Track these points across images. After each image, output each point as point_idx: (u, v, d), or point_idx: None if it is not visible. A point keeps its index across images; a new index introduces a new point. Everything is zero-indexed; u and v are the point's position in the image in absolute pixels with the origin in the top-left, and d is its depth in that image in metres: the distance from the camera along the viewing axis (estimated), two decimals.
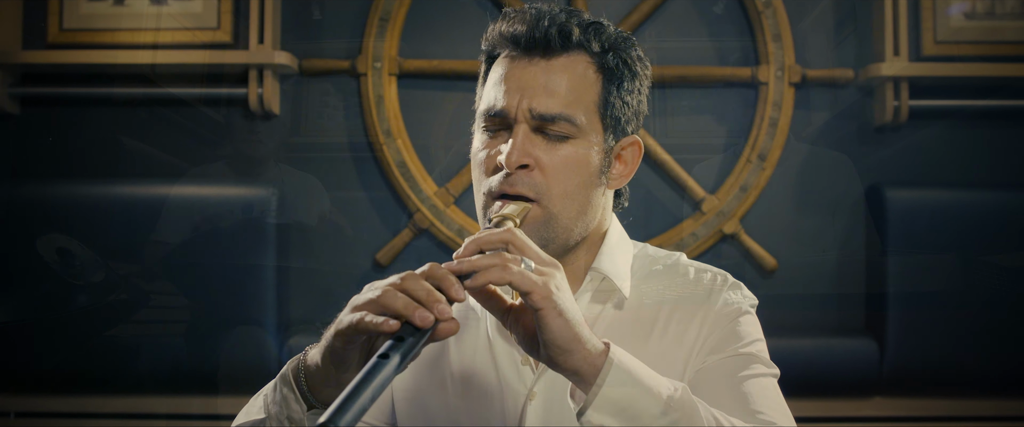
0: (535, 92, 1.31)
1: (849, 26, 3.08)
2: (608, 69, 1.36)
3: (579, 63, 1.34)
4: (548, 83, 1.32)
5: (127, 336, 2.87)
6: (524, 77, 1.32)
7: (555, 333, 1.11)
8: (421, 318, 1.05)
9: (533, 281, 1.10)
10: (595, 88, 1.35)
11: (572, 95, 1.32)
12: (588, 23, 1.36)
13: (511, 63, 1.35)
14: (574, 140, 1.33)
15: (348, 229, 3.07)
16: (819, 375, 2.89)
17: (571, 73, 1.33)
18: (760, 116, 3.01)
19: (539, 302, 1.10)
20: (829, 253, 3.08)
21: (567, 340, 1.11)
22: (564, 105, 1.31)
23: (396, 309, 1.06)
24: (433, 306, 1.06)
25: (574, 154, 1.32)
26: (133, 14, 3.05)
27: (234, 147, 3.09)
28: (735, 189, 3.00)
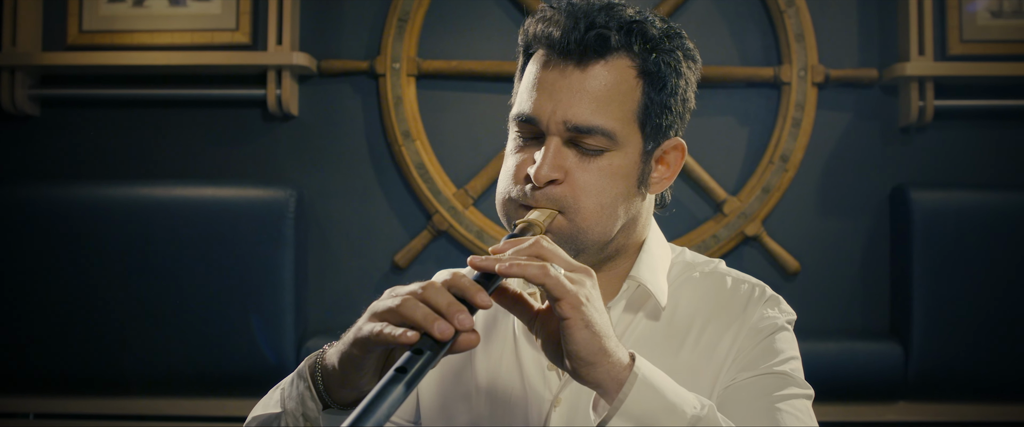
0: (569, 102, 1.26)
1: (873, 25, 3.06)
2: (650, 73, 1.29)
3: (618, 69, 1.28)
4: (583, 93, 1.26)
5: (145, 337, 2.87)
6: (558, 85, 1.27)
7: (580, 345, 1.08)
8: (440, 331, 1.02)
9: (565, 288, 1.07)
10: (635, 95, 1.29)
11: (609, 105, 1.26)
12: (630, 21, 1.28)
13: (545, 67, 1.29)
14: (610, 153, 1.28)
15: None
16: (843, 379, 2.86)
17: (608, 81, 1.27)
18: (783, 117, 2.99)
19: (567, 311, 1.07)
20: (853, 255, 3.05)
21: (592, 353, 1.09)
22: (600, 117, 1.26)
23: (415, 320, 1.03)
24: (453, 317, 1.03)
25: (609, 167, 1.28)
26: (152, 16, 3.06)
27: (252, 148, 3.08)
28: (757, 190, 2.98)
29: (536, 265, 1.08)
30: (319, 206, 3.08)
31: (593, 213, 1.27)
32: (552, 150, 1.26)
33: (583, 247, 1.29)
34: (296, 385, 1.19)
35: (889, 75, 2.98)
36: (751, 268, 2.98)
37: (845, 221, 3.05)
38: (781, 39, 3.01)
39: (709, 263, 1.43)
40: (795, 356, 1.34)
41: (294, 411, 1.18)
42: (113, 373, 2.89)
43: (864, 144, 3.05)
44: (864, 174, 3.05)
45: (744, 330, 1.33)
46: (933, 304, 2.89)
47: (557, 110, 1.26)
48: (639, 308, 1.36)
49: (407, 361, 1.00)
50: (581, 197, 1.26)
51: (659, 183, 1.36)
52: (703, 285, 1.39)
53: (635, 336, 1.34)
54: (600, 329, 1.09)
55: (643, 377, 1.11)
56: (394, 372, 0.98)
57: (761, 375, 1.30)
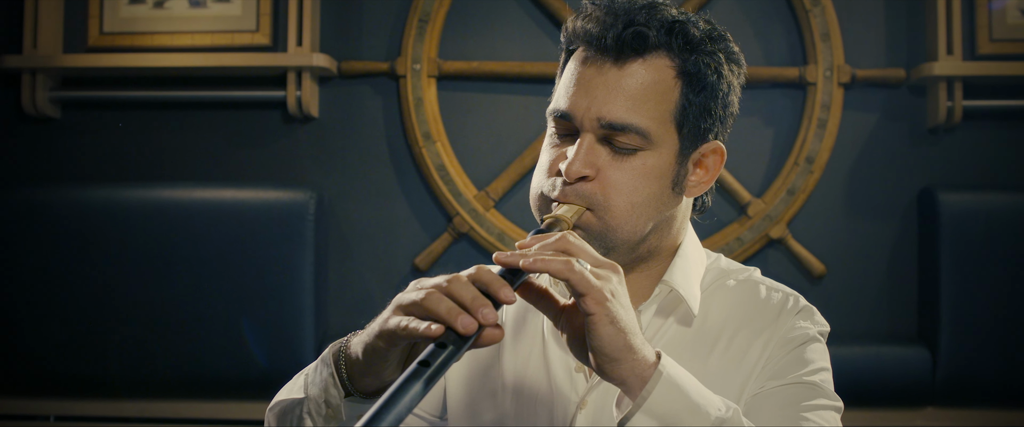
0: (605, 99, 1.25)
1: (900, 24, 3.02)
2: (689, 74, 1.27)
3: (656, 68, 1.26)
4: (619, 90, 1.25)
5: (164, 340, 2.87)
6: (594, 82, 1.26)
7: (604, 341, 1.07)
8: (464, 325, 1.02)
9: (590, 283, 1.06)
10: (672, 96, 1.27)
11: (645, 104, 1.25)
12: (672, 21, 1.27)
13: (583, 64, 1.28)
14: (644, 152, 1.26)
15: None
16: (870, 384, 2.84)
17: (646, 80, 1.26)
18: (808, 118, 2.97)
19: (592, 307, 1.06)
20: (879, 259, 3.02)
21: (616, 349, 1.08)
22: (635, 115, 1.25)
23: (439, 314, 1.03)
24: (477, 311, 1.03)
25: (643, 167, 1.26)
26: (172, 17, 3.06)
27: (272, 150, 3.08)
28: (782, 192, 2.95)
29: (560, 260, 1.07)
30: (339, 208, 3.07)
31: (623, 211, 1.26)
32: (585, 147, 1.26)
33: (612, 246, 1.28)
34: (320, 372, 1.19)
35: (917, 75, 2.94)
36: (776, 271, 3.02)
37: (872, 224, 3.02)
38: (806, 38, 2.98)
39: (744, 271, 1.42)
40: (826, 368, 1.32)
41: (317, 397, 1.18)
42: (134, 376, 2.89)
43: (891, 145, 3.02)
44: (891, 176, 3.02)
45: (775, 339, 1.31)
46: (961, 308, 2.86)
47: (592, 107, 1.26)
48: (670, 313, 1.34)
49: (430, 355, 1.00)
50: (612, 195, 1.26)
51: (696, 187, 1.34)
52: (736, 293, 1.37)
53: (665, 341, 1.33)
54: (625, 325, 1.08)
55: (668, 376, 1.10)
56: (417, 365, 0.98)
57: (790, 384, 1.28)
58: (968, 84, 2.94)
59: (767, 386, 1.28)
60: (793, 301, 1.36)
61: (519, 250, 1.11)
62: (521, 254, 1.09)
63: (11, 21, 3.09)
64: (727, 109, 1.33)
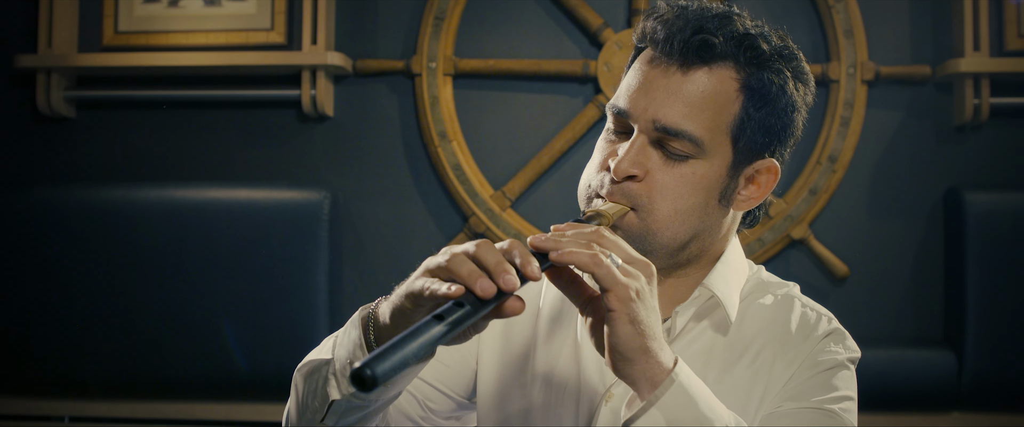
0: (663, 102, 1.25)
1: (926, 20, 2.98)
2: (752, 88, 1.26)
3: (720, 78, 1.25)
4: (679, 95, 1.25)
5: (179, 341, 2.86)
6: (656, 84, 1.26)
7: (621, 339, 1.08)
8: (482, 288, 1.02)
9: (615, 279, 1.07)
10: (732, 108, 1.26)
11: (703, 112, 1.25)
12: (743, 34, 1.26)
13: (649, 64, 1.28)
14: (694, 160, 1.26)
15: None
16: (894, 388, 2.81)
17: (707, 88, 1.25)
18: (831, 116, 2.93)
19: (614, 303, 1.07)
20: (904, 260, 2.98)
21: (632, 349, 1.09)
22: (690, 122, 1.24)
23: (461, 275, 1.04)
24: (499, 276, 1.03)
25: (692, 175, 1.26)
26: (187, 16, 3.06)
27: (287, 149, 3.07)
28: (804, 192, 2.92)
29: (587, 253, 1.08)
30: (354, 208, 3.06)
31: (666, 216, 1.26)
32: (636, 147, 1.26)
33: (651, 249, 1.28)
34: (348, 333, 1.21)
35: (942, 72, 2.90)
36: (798, 272, 2.99)
37: (896, 224, 2.98)
38: (829, 35, 2.94)
39: (783, 286, 1.40)
40: (851, 397, 1.29)
41: (343, 359, 1.20)
42: (148, 376, 2.89)
43: (916, 144, 2.98)
44: (916, 175, 2.98)
45: (801, 359, 1.29)
46: (988, 310, 2.82)
47: (649, 108, 1.26)
48: (706, 317, 1.34)
49: (445, 310, 1.01)
50: (656, 198, 1.26)
51: (746, 202, 1.33)
52: (773, 308, 1.36)
53: (697, 345, 1.32)
54: (645, 328, 1.09)
55: (680, 383, 1.10)
56: (430, 318, 0.99)
57: (808, 409, 1.26)
58: (995, 81, 2.89)
59: (784, 406, 1.26)
60: (826, 323, 1.34)
61: (553, 234, 1.11)
62: (554, 240, 1.10)
63: (26, 21, 3.10)
64: (788, 128, 1.31)
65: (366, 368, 0.92)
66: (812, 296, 2.99)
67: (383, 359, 0.93)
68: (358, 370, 0.91)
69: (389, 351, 0.94)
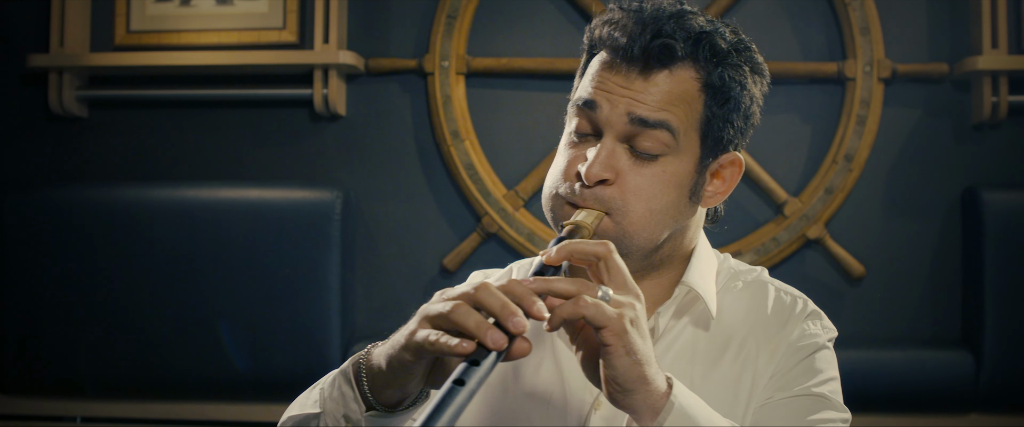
0: (631, 100, 1.25)
1: (943, 17, 2.95)
2: (713, 86, 1.26)
3: (681, 80, 1.25)
4: (646, 96, 1.24)
5: (191, 341, 2.86)
6: (619, 87, 1.26)
7: (619, 372, 1.07)
8: (494, 340, 1.00)
9: (607, 316, 1.05)
10: (696, 106, 1.26)
11: (672, 111, 1.25)
12: (699, 32, 1.26)
13: (608, 69, 1.27)
14: (665, 159, 1.25)
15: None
16: (911, 389, 2.79)
17: (671, 89, 1.25)
18: (847, 114, 2.91)
19: (609, 339, 1.05)
20: (921, 260, 2.96)
21: (630, 380, 1.07)
22: (666, 115, 1.24)
23: (468, 328, 1.01)
24: (507, 320, 1.01)
25: (663, 173, 1.25)
26: (199, 15, 3.05)
27: (299, 149, 3.07)
28: (820, 191, 2.90)
29: (570, 303, 1.06)
30: (366, 207, 3.04)
31: (641, 218, 1.25)
32: (606, 149, 1.24)
33: (627, 252, 1.26)
34: (337, 385, 1.18)
35: (960, 69, 2.88)
36: (814, 272, 2.98)
37: (913, 224, 2.96)
38: (845, 33, 2.92)
39: (752, 272, 1.41)
40: (834, 377, 1.32)
41: (334, 412, 1.17)
42: (159, 376, 2.88)
43: (933, 143, 2.96)
44: (933, 174, 2.96)
45: (783, 346, 1.30)
46: (1006, 311, 2.79)
47: (619, 103, 1.25)
48: (685, 314, 1.34)
49: (464, 373, 0.98)
50: (631, 200, 1.25)
51: (713, 197, 1.33)
52: (745, 295, 1.36)
53: (680, 343, 1.32)
54: (641, 356, 1.08)
55: (680, 406, 1.10)
56: (452, 385, 0.96)
57: (797, 396, 1.27)
58: (1014, 79, 2.86)
59: (775, 398, 1.27)
60: (802, 305, 1.35)
61: (543, 280, 1.09)
62: (546, 283, 1.08)
63: (38, 20, 3.10)
64: (749, 120, 1.33)
65: None
66: (828, 297, 3.01)
67: None
68: None
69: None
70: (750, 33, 1.35)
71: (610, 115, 1.25)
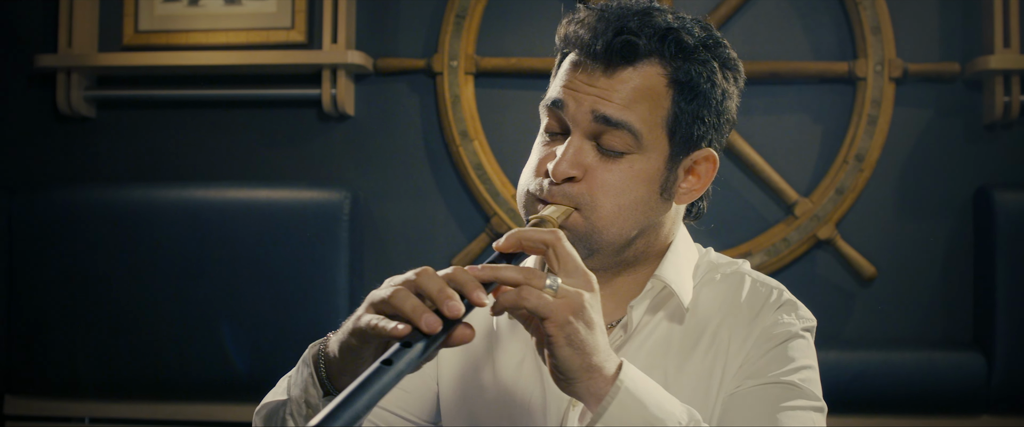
0: (596, 98, 1.26)
1: (955, 16, 2.94)
2: (680, 82, 1.27)
3: (647, 76, 1.26)
4: (612, 92, 1.26)
5: (198, 342, 2.86)
6: (585, 85, 1.27)
7: (561, 361, 1.09)
8: (428, 324, 1.02)
9: (550, 308, 1.07)
10: (664, 102, 1.27)
11: (638, 108, 1.26)
12: (664, 29, 1.27)
13: (575, 69, 1.28)
14: (632, 156, 1.27)
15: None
16: (922, 391, 2.78)
17: (637, 86, 1.26)
18: (858, 114, 2.89)
19: (551, 329, 1.07)
20: (933, 260, 2.95)
21: (572, 369, 1.09)
22: (628, 114, 1.25)
23: (404, 311, 1.03)
24: (442, 304, 1.03)
25: (630, 170, 1.27)
26: (207, 15, 3.05)
27: (307, 149, 3.06)
28: (830, 192, 2.88)
29: (512, 293, 1.08)
30: (375, 208, 3.04)
31: (610, 213, 1.27)
32: (574, 146, 1.26)
33: (597, 248, 1.28)
34: (301, 372, 1.21)
35: (972, 69, 2.86)
36: (824, 273, 2.97)
37: (925, 224, 2.95)
38: (856, 32, 2.90)
39: (732, 264, 1.41)
40: (809, 365, 1.30)
41: (298, 398, 1.19)
42: (167, 377, 2.88)
43: (945, 142, 2.95)
44: (945, 174, 2.95)
45: (755, 335, 1.30)
46: (1019, 312, 2.78)
47: (585, 101, 1.26)
48: (660, 308, 1.34)
49: (394, 354, 0.99)
50: (599, 195, 1.26)
51: (688, 194, 1.34)
52: (722, 287, 1.36)
53: (655, 338, 1.32)
54: (586, 346, 1.09)
55: (626, 389, 1.10)
56: (379, 364, 0.98)
57: (767, 384, 1.26)
58: None
59: (744, 385, 1.27)
60: (777, 295, 1.35)
61: (490, 266, 1.10)
62: (492, 271, 1.09)
63: (46, 20, 3.10)
64: (722, 116, 1.33)
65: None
66: (839, 298, 3.00)
67: (335, 417, 0.91)
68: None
69: (340, 408, 0.93)
70: (760, 33, 1.35)
71: (576, 113, 1.26)
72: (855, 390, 2.75)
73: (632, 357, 1.29)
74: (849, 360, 2.77)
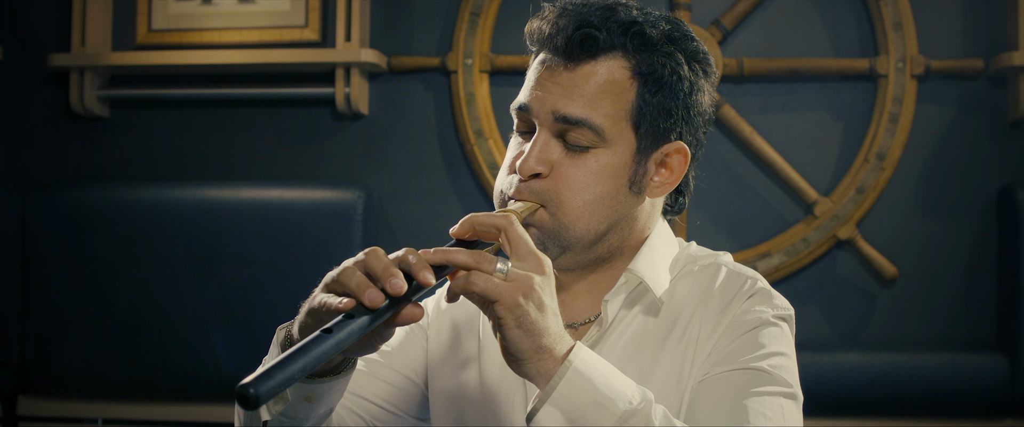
0: (559, 95, 1.28)
1: (979, 11, 2.89)
2: (644, 74, 1.29)
3: (609, 69, 1.29)
4: (573, 88, 1.28)
5: (210, 343, 2.85)
6: (549, 82, 1.30)
7: (510, 343, 1.11)
8: (370, 298, 1.05)
9: (499, 290, 1.09)
10: (628, 95, 1.29)
11: (600, 103, 1.28)
12: (628, 22, 1.29)
13: (542, 64, 1.32)
14: (597, 151, 1.29)
15: None
16: (944, 394, 2.76)
17: (599, 80, 1.28)
18: (879, 112, 2.86)
19: (500, 311, 1.10)
20: (956, 261, 2.91)
21: (521, 351, 1.11)
22: (589, 111, 1.27)
23: (350, 287, 1.08)
24: (386, 281, 1.06)
25: (596, 165, 1.29)
26: (221, 13, 3.05)
27: (321, 148, 3.06)
28: (851, 191, 2.85)
29: (462, 277, 1.11)
30: (388, 207, 3.03)
31: (576, 209, 1.29)
32: (539, 144, 1.29)
33: (568, 244, 1.30)
34: (272, 354, 1.25)
35: (996, 65, 2.82)
36: (845, 274, 2.94)
37: (947, 224, 2.91)
38: (877, 28, 2.87)
39: (711, 256, 1.42)
40: (782, 352, 1.29)
41: None
42: (181, 378, 2.88)
43: (969, 140, 2.91)
44: (968, 173, 2.91)
45: (725, 323, 1.30)
46: None
47: (548, 100, 1.29)
48: (636, 302, 1.35)
49: (335, 324, 1.03)
50: (564, 191, 1.28)
51: (660, 187, 1.35)
52: (698, 278, 1.38)
53: (631, 331, 1.34)
54: (536, 327, 1.11)
55: (574, 369, 1.12)
56: (321, 332, 1.02)
57: (735, 370, 1.26)
58: None
59: (713, 372, 1.27)
60: (750, 284, 1.35)
61: (442, 249, 1.13)
62: (444, 254, 1.11)
63: (59, 19, 3.11)
64: (691, 110, 1.34)
65: (249, 386, 0.93)
66: (860, 299, 2.97)
67: (268, 378, 0.94)
68: (241, 388, 0.93)
69: (275, 369, 0.96)
70: (780, 29, 1.33)
71: (539, 112, 1.29)
72: (876, 393, 2.73)
73: (608, 352, 1.30)
74: (870, 362, 2.75)
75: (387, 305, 1.06)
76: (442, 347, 1.43)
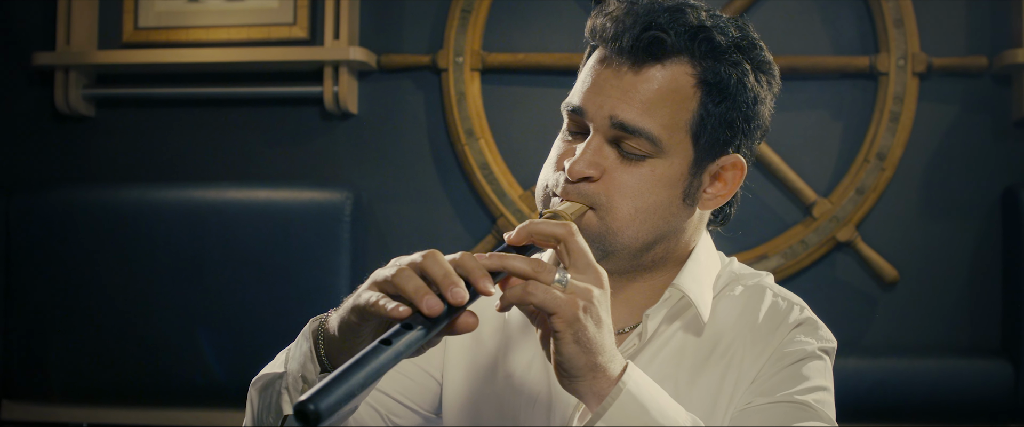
0: (618, 100, 1.24)
1: (983, 8, 2.87)
2: (709, 83, 1.25)
3: (674, 75, 1.25)
4: (634, 93, 1.24)
5: (198, 346, 2.85)
6: (610, 84, 1.25)
7: (565, 358, 1.08)
8: (429, 306, 1.00)
9: (558, 303, 1.06)
10: (690, 105, 1.25)
11: (660, 109, 1.24)
12: (697, 27, 1.25)
13: (601, 63, 1.27)
14: (653, 160, 1.25)
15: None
16: (946, 400, 2.75)
17: (662, 86, 1.24)
18: (879, 110, 2.84)
19: (558, 325, 1.06)
20: (959, 264, 2.90)
21: (577, 368, 1.09)
22: (647, 119, 1.23)
23: (407, 292, 1.02)
24: (447, 289, 1.02)
25: (651, 174, 1.25)
26: (208, 11, 3.04)
27: (309, 148, 3.05)
28: (851, 192, 2.83)
29: (519, 288, 1.07)
30: (378, 208, 3.02)
31: (626, 215, 1.25)
32: (592, 147, 1.25)
33: (612, 250, 1.27)
34: (300, 346, 1.20)
35: (1000, 63, 2.80)
36: (844, 277, 2.92)
37: (949, 225, 2.90)
38: (878, 25, 2.85)
39: (754, 277, 1.39)
40: (824, 387, 1.28)
41: (295, 372, 1.19)
42: (167, 382, 2.87)
43: (972, 140, 2.89)
44: (972, 173, 2.89)
45: (769, 351, 1.28)
46: None
47: (605, 105, 1.25)
48: (677, 318, 1.32)
49: (393, 334, 0.99)
50: (615, 197, 1.25)
51: (713, 200, 1.32)
52: (742, 300, 1.35)
53: (670, 348, 1.31)
54: (593, 344, 1.08)
55: (627, 392, 1.10)
56: (378, 343, 0.98)
57: (778, 402, 1.24)
58: None
59: (755, 402, 1.25)
60: (797, 312, 1.33)
61: (499, 254, 1.10)
62: (499, 259, 1.08)
63: (44, 17, 3.10)
64: (752, 122, 1.30)
65: (309, 402, 0.89)
66: (860, 303, 2.94)
67: (327, 393, 0.90)
68: (301, 405, 0.89)
69: (334, 384, 0.92)
70: (777, 26, 1.30)
71: (595, 117, 1.25)
72: (876, 399, 2.72)
73: (645, 366, 1.27)
74: (870, 367, 2.74)
75: (445, 312, 1.01)
76: (462, 344, 1.39)
